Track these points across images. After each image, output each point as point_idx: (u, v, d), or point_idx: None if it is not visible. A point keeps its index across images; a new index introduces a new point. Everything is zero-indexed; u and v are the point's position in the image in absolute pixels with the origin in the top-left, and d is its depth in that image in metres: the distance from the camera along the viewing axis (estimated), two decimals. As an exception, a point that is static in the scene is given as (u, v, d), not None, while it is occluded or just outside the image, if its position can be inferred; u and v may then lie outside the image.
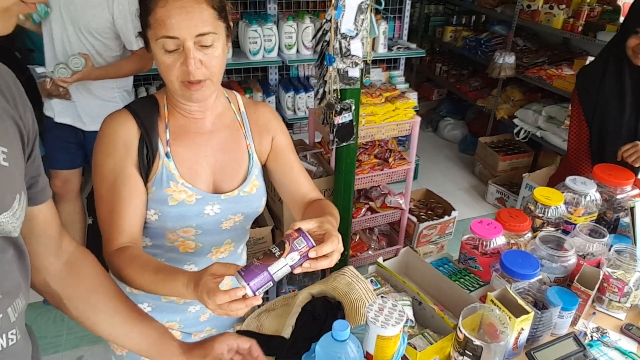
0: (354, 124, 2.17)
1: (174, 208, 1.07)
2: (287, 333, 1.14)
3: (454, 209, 3.04)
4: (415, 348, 1.08)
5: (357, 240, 2.96)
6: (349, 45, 1.94)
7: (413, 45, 3.70)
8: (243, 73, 3.72)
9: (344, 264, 1.28)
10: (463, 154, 4.56)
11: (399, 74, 3.92)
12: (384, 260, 1.41)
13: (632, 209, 1.45)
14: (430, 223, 2.93)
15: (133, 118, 1.05)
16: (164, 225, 1.10)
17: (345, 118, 2.13)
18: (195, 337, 1.28)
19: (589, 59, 3.47)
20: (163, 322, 1.05)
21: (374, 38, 3.27)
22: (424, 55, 4.16)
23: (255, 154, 1.18)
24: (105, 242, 1.03)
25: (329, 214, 1.02)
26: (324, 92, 2.08)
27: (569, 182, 1.60)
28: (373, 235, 3.05)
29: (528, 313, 1.09)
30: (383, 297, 1.03)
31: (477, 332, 1.05)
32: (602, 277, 1.29)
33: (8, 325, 0.70)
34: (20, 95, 0.72)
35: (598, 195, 1.59)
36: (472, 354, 1.00)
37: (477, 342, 0.98)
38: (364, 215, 2.80)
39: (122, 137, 1.04)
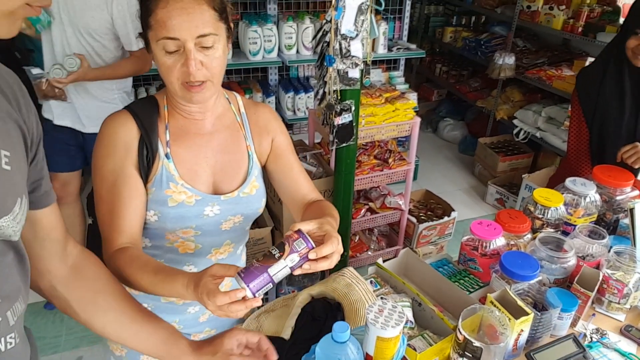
0: (354, 125, 2.17)
1: (174, 209, 1.07)
2: (286, 334, 1.14)
3: (454, 210, 3.04)
4: (415, 349, 1.08)
5: (356, 241, 2.96)
6: (349, 46, 1.94)
7: (413, 46, 3.70)
8: (243, 73, 3.72)
9: (344, 265, 1.27)
10: (463, 155, 4.57)
11: (399, 75, 3.92)
12: (384, 261, 1.41)
13: (631, 210, 1.45)
14: (430, 224, 2.92)
15: (133, 119, 1.05)
16: (164, 226, 1.10)
17: (345, 119, 2.13)
18: (195, 337, 1.27)
19: (589, 60, 3.47)
20: (162, 322, 1.04)
21: (374, 39, 3.26)
22: (424, 56, 4.15)
23: (255, 155, 1.18)
24: (105, 242, 1.03)
25: (329, 215, 1.02)
26: (324, 92, 2.08)
27: (569, 183, 1.60)
28: (373, 236, 3.04)
29: (528, 314, 1.09)
30: (383, 298, 1.03)
31: (476, 333, 1.05)
32: (601, 278, 1.29)
33: (7, 329, 0.70)
34: (24, 98, 0.72)
35: (598, 197, 1.59)
36: (471, 355, 1.00)
37: (476, 343, 0.98)
38: (364, 216, 2.80)
39: (122, 138, 1.04)
